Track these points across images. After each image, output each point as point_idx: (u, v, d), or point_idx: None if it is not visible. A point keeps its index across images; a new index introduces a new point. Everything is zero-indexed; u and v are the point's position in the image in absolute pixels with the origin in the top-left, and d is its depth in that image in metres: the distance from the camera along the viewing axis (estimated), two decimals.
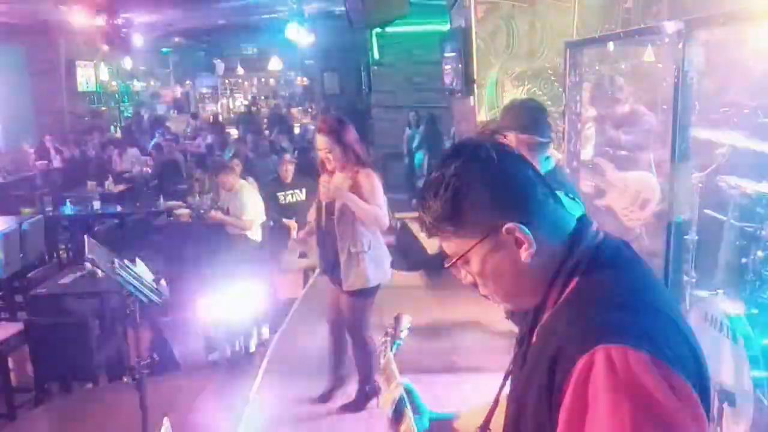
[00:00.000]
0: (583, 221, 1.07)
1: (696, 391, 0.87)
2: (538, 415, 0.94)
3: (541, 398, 0.93)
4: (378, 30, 10.25)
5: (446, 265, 1.09)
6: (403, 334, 1.67)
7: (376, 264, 3.56)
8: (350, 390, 3.88)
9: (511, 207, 1.01)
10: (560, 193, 1.11)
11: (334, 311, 3.75)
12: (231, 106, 20.29)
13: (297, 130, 14.14)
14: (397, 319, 1.70)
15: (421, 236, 1.23)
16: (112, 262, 2.78)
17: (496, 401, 1.19)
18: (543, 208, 1.03)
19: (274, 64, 17.37)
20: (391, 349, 1.62)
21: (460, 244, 1.05)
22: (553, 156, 3.02)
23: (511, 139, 2.59)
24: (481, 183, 1.01)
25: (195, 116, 16.70)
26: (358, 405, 3.83)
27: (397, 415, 1.38)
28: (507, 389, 1.15)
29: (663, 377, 0.83)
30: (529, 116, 2.72)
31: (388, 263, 3.70)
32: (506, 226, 1.00)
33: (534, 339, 1.04)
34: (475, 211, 1.02)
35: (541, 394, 0.93)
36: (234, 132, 13.48)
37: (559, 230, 1.04)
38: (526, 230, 1.00)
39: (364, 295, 3.58)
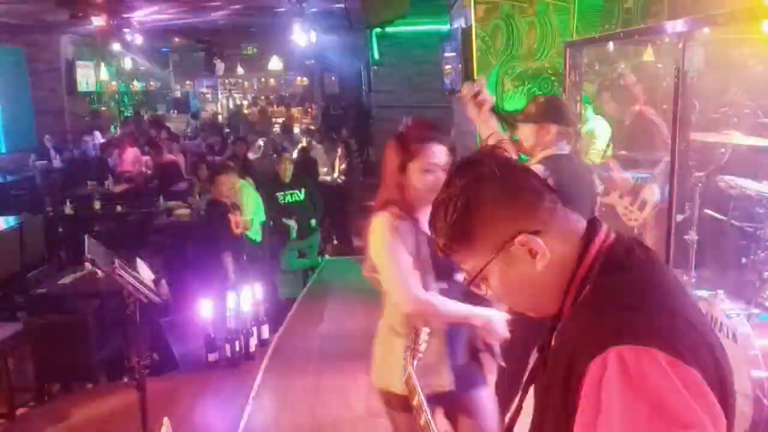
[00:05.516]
0: (593, 224, 1.05)
1: (714, 388, 0.87)
2: (559, 422, 0.94)
3: (560, 405, 0.93)
4: (378, 30, 10.26)
5: (465, 284, 1.08)
6: (422, 347, 1.68)
7: None
8: None
9: (520, 219, 1.00)
10: None
11: None
12: (231, 106, 20.28)
13: (296, 130, 14.14)
14: (416, 333, 1.71)
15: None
16: (112, 262, 2.78)
17: (519, 408, 1.17)
18: (552, 215, 1.02)
19: (274, 64, 17.36)
20: (413, 364, 1.64)
21: (476, 262, 1.04)
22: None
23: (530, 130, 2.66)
24: (487, 199, 1.01)
25: (195, 116, 16.70)
26: None
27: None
28: (530, 395, 1.13)
29: (676, 375, 0.82)
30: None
31: None
32: (518, 238, 0.99)
33: (552, 345, 1.04)
34: (485, 228, 1.01)
35: (560, 400, 0.93)
36: None
37: (570, 236, 1.03)
38: (539, 240, 0.99)
39: None
